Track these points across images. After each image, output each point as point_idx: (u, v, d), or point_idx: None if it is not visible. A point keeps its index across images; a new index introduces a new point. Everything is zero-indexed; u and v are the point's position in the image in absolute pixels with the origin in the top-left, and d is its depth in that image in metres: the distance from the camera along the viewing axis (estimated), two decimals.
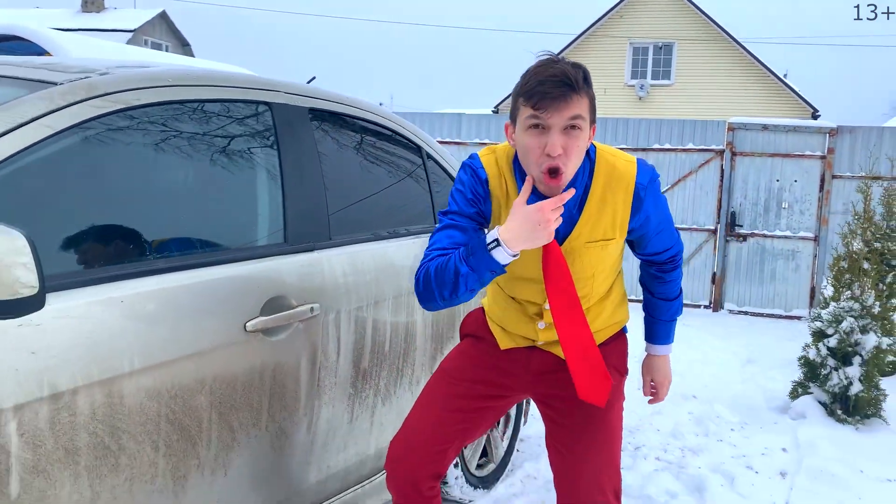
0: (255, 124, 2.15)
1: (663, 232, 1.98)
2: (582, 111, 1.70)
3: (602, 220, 1.84)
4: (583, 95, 1.71)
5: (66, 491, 1.51)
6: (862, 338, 4.31)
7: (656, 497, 3.23)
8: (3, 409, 1.38)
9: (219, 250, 1.93)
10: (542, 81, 1.68)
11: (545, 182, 1.72)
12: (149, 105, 1.84)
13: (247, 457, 1.93)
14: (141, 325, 1.64)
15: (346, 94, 2.59)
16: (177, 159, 1.91)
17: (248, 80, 2.18)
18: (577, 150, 1.72)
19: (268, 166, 2.14)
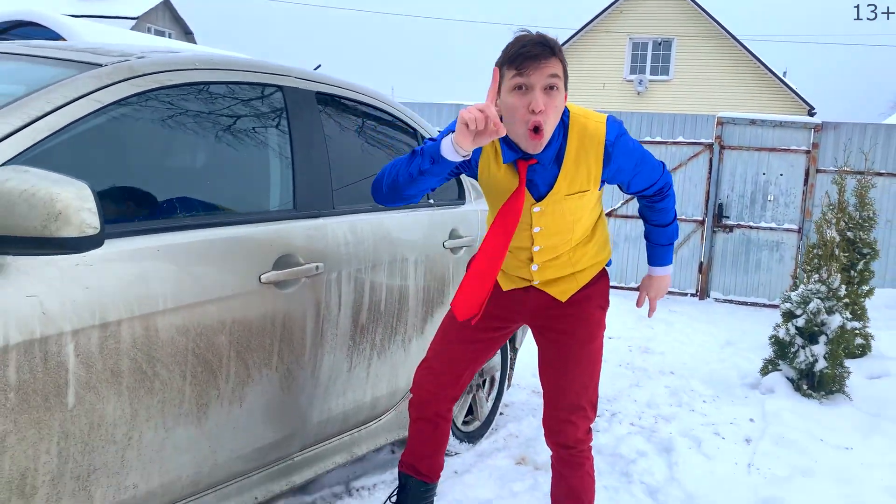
0: (269, 105, 2.43)
1: (641, 173, 2.24)
2: (558, 71, 1.98)
3: (578, 174, 2.12)
4: (558, 59, 1.98)
5: (111, 406, 1.80)
6: (828, 318, 4.60)
7: (627, 455, 3.53)
8: (63, 332, 1.67)
9: (238, 212, 2.22)
10: (524, 45, 1.96)
11: (529, 139, 2.01)
12: (179, 85, 2.13)
13: (259, 392, 2.22)
14: (172, 272, 1.93)
15: (348, 80, 2.88)
16: (201, 133, 2.20)
17: (262, 65, 2.47)
18: (554, 109, 2.00)
19: (279, 141, 2.43)
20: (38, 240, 1.49)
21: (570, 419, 2.29)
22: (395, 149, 3.04)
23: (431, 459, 2.57)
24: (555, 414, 2.32)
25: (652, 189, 2.33)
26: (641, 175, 2.26)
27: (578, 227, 2.26)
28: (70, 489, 1.75)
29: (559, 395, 2.32)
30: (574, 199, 2.17)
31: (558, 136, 2.10)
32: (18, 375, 1.60)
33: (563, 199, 2.16)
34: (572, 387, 2.30)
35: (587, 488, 2.38)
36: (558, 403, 2.31)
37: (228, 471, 2.20)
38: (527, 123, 1.98)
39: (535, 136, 1.99)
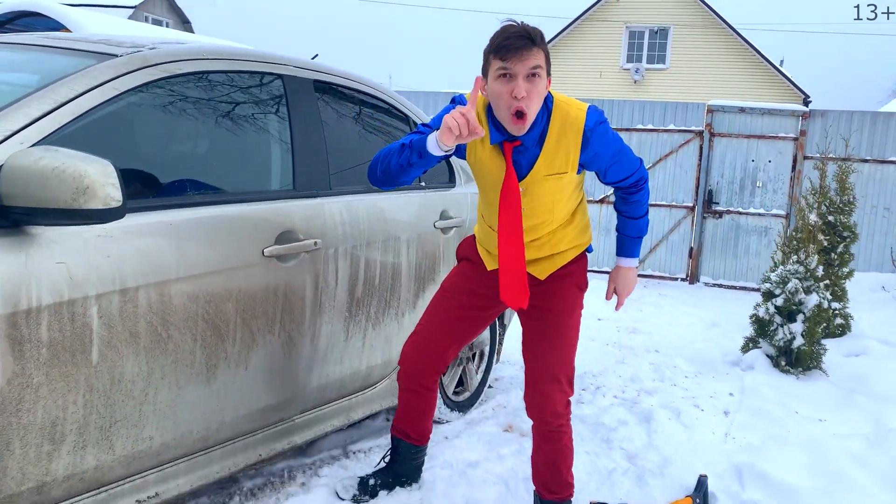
0: (270, 92, 2.62)
1: (618, 163, 2.40)
2: (540, 62, 2.14)
3: (557, 157, 2.29)
4: (540, 49, 2.14)
5: (129, 364, 2.00)
6: (805, 297, 4.81)
7: (609, 424, 3.73)
8: (88, 295, 1.87)
9: (242, 191, 2.41)
10: (508, 37, 2.12)
11: (512, 123, 2.19)
12: (187, 74, 2.32)
13: (263, 357, 2.42)
14: (184, 244, 2.13)
15: (343, 69, 3.06)
16: (208, 117, 2.39)
17: (264, 55, 2.65)
18: (537, 95, 2.17)
19: (280, 126, 2.62)
20: (67, 211, 1.68)
21: (548, 392, 2.45)
22: (388, 133, 3.23)
23: (420, 425, 2.77)
24: (534, 387, 2.48)
25: (628, 181, 2.48)
26: (619, 165, 2.41)
27: (558, 209, 2.42)
28: (94, 438, 1.95)
29: (537, 367, 2.48)
30: (553, 181, 2.33)
31: (541, 119, 2.27)
32: (49, 333, 1.79)
33: (543, 178, 2.32)
34: (549, 358, 2.47)
35: (565, 458, 2.57)
36: (537, 376, 2.48)
37: (235, 429, 2.40)
38: (510, 108, 2.16)
39: (518, 120, 2.17)
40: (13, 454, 1.77)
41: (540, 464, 2.58)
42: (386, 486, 2.78)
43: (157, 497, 2.18)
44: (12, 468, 1.78)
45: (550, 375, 2.46)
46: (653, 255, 9.05)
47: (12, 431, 1.76)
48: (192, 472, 2.28)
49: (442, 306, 2.63)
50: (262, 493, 2.74)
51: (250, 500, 2.68)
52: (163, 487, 2.20)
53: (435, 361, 2.64)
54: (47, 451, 1.85)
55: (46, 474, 1.86)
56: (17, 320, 1.73)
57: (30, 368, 1.77)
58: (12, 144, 1.80)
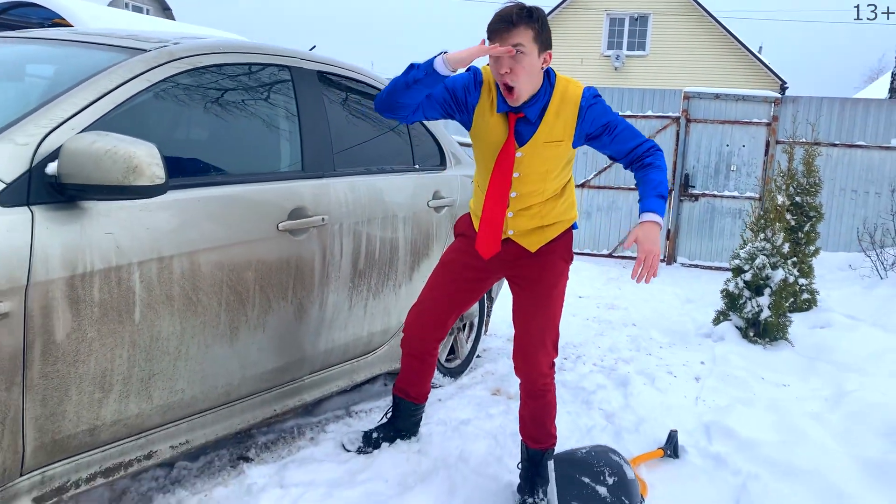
0: (280, 82, 2.88)
1: (620, 133, 2.56)
2: (523, 40, 2.34)
3: (556, 126, 2.52)
4: (523, 28, 2.34)
5: (165, 323, 2.27)
6: (772, 273, 5.14)
7: (588, 388, 4.04)
8: (132, 262, 2.13)
9: (258, 172, 2.68)
10: (492, 21, 2.38)
11: (505, 96, 2.46)
12: (208, 66, 2.57)
13: (278, 321, 2.69)
14: (211, 218, 2.39)
15: (344, 61, 3.32)
16: (227, 106, 2.65)
17: (273, 48, 2.92)
18: (522, 70, 2.37)
19: (288, 113, 2.88)
20: (118, 188, 1.95)
21: (535, 354, 2.71)
22: (383, 119, 3.49)
23: (420, 386, 3.06)
24: (523, 350, 2.74)
25: (639, 150, 2.58)
26: (623, 135, 2.56)
27: (549, 179, 2.64)
28: (136, 389, 2.22)
29: (526, 332, 2.74)
30: (551, 148, 2.56)
31: (544, 94, 2.52)
32: (100, 294, 2.06)
33: (542, 146, 2.54)
34: (537, 324, 2.72)
35: (549, 413, 2.83)
36: (526, 340, 2.73)
37: (253, 386, 2.67)
38: (501, 83, 2.42)
39: (508, 94, 2.45)
40: (71, 400, 2.04)
41: (527, 418, 2.84)
42: (387, 439, 3.06)
43: (187, 444, 2.46)
44: (70, 412, 2.05)
45: (538, 340, 2.71)
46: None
47: (70, 380, 2.03)
48: (217, 423, 2.56)
49: (441, 279, 2.86)
50: (276, 446, 3.03)
51: (265, 453, 2.97)
52: (192, 436, 2.47)
53: (436, 330, 2.90)
54: (98, 399, 2.12)
55: (97, 419, 2.13)
56: (75, 282, 1.99)
57: (84, 325, 2.03)
58: (65, 131, 2.05)
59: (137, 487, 2.62)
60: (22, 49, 2.67)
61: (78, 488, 2.14)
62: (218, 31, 7.72)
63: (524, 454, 2.84)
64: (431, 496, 2.67)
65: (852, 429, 3.74)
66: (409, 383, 3.05)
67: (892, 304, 6.27)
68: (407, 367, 3.02)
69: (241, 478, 2.69)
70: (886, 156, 8.63)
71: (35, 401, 1.95)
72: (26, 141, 1.97)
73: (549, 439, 2.84)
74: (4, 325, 1.84)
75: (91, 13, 6.71)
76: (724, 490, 3.05)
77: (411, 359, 2.99)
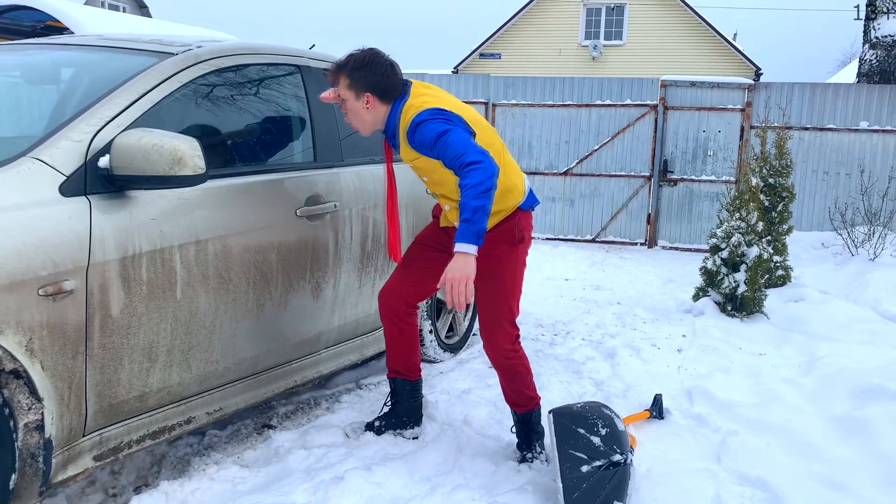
0: (293, 80, 3.13)
1: (443, 154, 2.58)
2: (341, 90, 2.71)
3: (407, 148, 2.73)
4: (341, 77, 2.70)
5: (201, 300, 2.52)
6: (747, 250, 5.45)
7: (578, 360, 4.33)
8: (173, 245, 2.38)
9: (278, 162, 2.93)
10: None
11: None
12: (229, 67, 2.82)
13: (297, 299, 2.95)
14: (239, 205, 2.65)
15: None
16: (247, 103, 2.90)
17: (284, 49, 3.16)
18: (349, 114, 2.76)
19: (301, 108, 3.13)
20: (164, 178, 2.19)
21: (494, 334, 2.88)
22: None
23: (407, 360, 3.13)
24: (484, 332, 2.88)
25: (457, 166, 2.56)
26: (444, 157, 2.59)
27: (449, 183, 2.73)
28: (177, 360, 2.48)
29: (484, 316, 2.88)
30: (420, 162, 2.74)
31: (394, 119, 2.74)
32: (147, 274, 2.31)
33: (411, 161, 2.79)
34: (492, 308, 2.85)
35: (524, 379, 2.99)
36: (483, 322, 2.88)
37: (277, 358, 2.93)
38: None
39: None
40: (124, 368, 2.29)
41: (506, 388, 3.02)
42: (390, 426, 3.14)
43: (220, 411, 2.71)
44: (123, 379, 2.30)
45: (493, 321, 2.86)
46: (614, 222, 9.69)
47: (123, 350, 2.28)
48: (246, 392, 2.81)
49: (411, 253, 3.08)
50: (295, 415, 3.29)
51: (286, 421, 3.23)
52: (225, 403, 2.73)
53: (406, 299, 3.02)
54: (146, 368, 2.37)
55: (146, 386, 2.38)
56: (126, 263, 2.24)
57: (135, 301, 2.28)
58: (112, 128, 2.30)
59: (175, 452, 2.88)
60: (58, 55, 2.90)
61: (130, 449, 2.39)
62: (211, 32, 7.91)
63: (515, 418, 3.06)
64: (442, 453, 2.95)
65: (822, 391, 4.05)
66: (397, 359, 3.12)
67: (861, 279, 6.61)
68: (388, 339, 3.11)
69: (268, 442, 2.95)
70: (855, 138, 8.99)
71: (95, 368, 2.20)
72: (80, 138, 2.21)
73: (530, 402, 3.03)
74: (71, 301, 2.08)
75: (87, 16, 6.88)
76: (705, 445, 3.35)
77: (389, 327, 3.07)
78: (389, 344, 3.13)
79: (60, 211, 2.08)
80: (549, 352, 4.51)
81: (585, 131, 9.63)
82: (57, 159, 2.14)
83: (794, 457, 3.21)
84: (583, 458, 2.63)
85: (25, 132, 2.62)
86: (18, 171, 2.07)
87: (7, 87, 3.04)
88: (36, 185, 2.07)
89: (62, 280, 2.05)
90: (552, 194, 9.72)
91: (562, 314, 5.47)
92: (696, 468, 3.06)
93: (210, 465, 2.78)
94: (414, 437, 3.13)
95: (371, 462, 2.84)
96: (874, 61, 10.22)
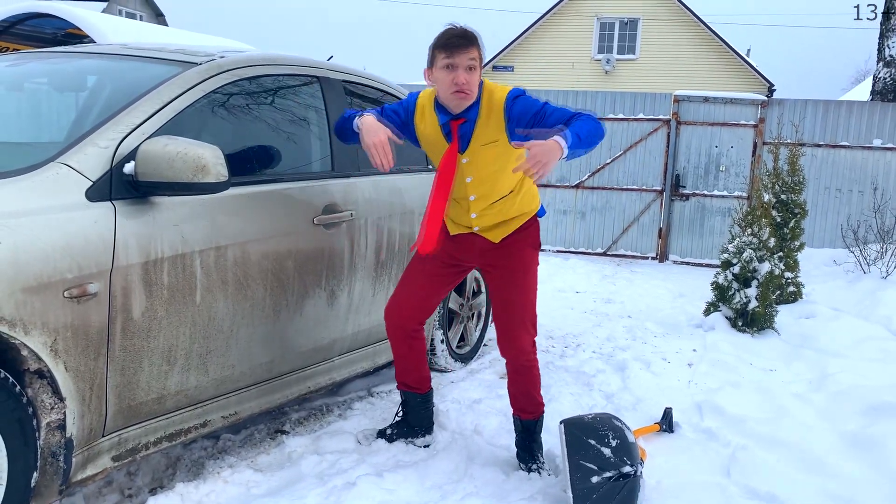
0: (311, 91, 3.19)
1: (553, 114, 2.74)
2: (476, 56, 2.69)
3: (489, 127, 2.76)
4: (475, 46, 2.70)
5: (220, 304, 2.56)
6: (759, 265, 5.46)
7: (589, 372, 4.35)
8: (194, 251, 2.43)
9: (296, 172, 2.98)
10: (451, 37, 2.68)
11: (457, 99, 2.72)
12: (250, 77, 2.88)
13: (313, 305, 2.99)
14: (259, 212, 2.69)
15: (365, 71, 3.63)
16: (267, 112, 2.95)
17: (303, 60, 3.22)
18: (476, 79, 2.73)
19: (319, 119, 3.18)
20: (188, 184, 2.24)
21: (517, 334, 2.94)
22: None
23: (417, 373, 3.14)
24: (505, 332, 2.94)
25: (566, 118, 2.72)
26: (554, 116, 2.73)
27: (502, 179, 2.84)
28: (195, 363, 2.52)
29: (506, 315, 2.93)
30: (490, 149, 2.78)
31: (476, 100, 2.77)
32: (168, 278, 2.35)
33: (481, 148, 2.78)
34: (515, 307, 2.91)
35: (535, 385, 3.04)
36: (507, 323, 2.93)
37: (291, 364, 2.97)
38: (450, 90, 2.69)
39: (463, 98, 2.71)
40: (144, 371, 2.34)
41: (517, 393, 3.05)
42: (402, 435, 3.17)
43: (236, 415, 2.75)
44: (142, 382, 2.34)
45: (518, 321, 2.92)
46: (625, 235, 9.71)
47: (143, 353, 2.32)
48: (261, 397, 2.85)
49: (415, 268, 3.06)
50: (308, 421, 3.33)
51: (299, 427, 3.27)
52: (240, 407, 2.77)
53: (413, 316, 3.03)
54: (165, 371, 2.41)
55: (164, 388, 2.43)
56: (149, 267, 2.29)
57: (156, 305, 2.33)
58: (137, 135, 2.35)
59: (190, 455, 2.92)
60: (84, 63, 2.97)
61: (147, 450, 2.43)
62: (230, 42, 7.99)
63: (518, 426, 3.07)
64: (453, 462, 2.97)
65: (833, 407, 4.05)
66: (406, 372, 3.13)
67: (873, 296, 6.60)
68: (397, 354, 3.12)
69: (281, 447, 2.99)
70: (868, 155, 8.99)
71: (116, 370, 2.24)
72: (107, 144, 2.26)
73: (538, 408, 3.07)
74: (94, 303, 2.13)
75: (107, 24, 6.98)
76: (715, 459, 3.36)
77: (398, 345, 3.08)
78: (398, 360, 3.13)
79: (86, 215, 2.13)
80: (560, 364, 4.53)
81: (598, 145, 9.65)
82: (84, 165, 2.19)
83: (804, 472, 3.22)
84: (593, 468, 2.65)
85: (54, 138, 2.67)
86: (47, 175, 2.12)
87: (35, 94, 3.10)
88: (63, 190, 2.12)
89: (87, 283, 2.10)
90: (564, 207, 9.75)
91: (572, 326, 5.49)
92: (706, 482, 3.07)
93: (224, 468, 2.82)
94: (425, 445, 3.15)
95: (383, 469, 2.87)
96: (888, 79, 10.22)
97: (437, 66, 2.72)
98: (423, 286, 3.04)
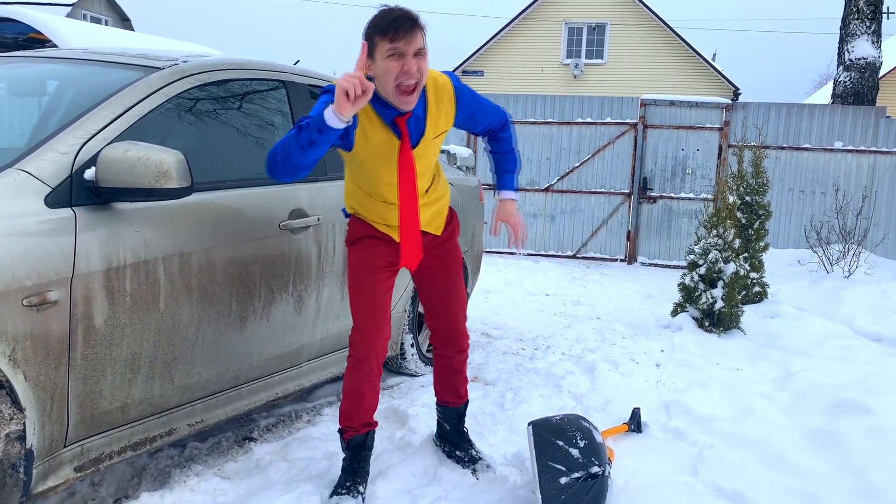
0: (277, 95, 3.17)
1: (485, 111, 2.73)
2: (423, 42, 2.35)
3: (440, 119, 2.59)
4: (422, 30, 2.35)
5: (185, 311, 2.53)
6: (724, 266, 5.54)
7: (558, 374, 4.37)
8: (157, 257, 2.40)
9: (262, 177, 2.95)
10: (395, 19, 2.29)
11: (402, 97, 2.36)
12: (215, 82, 2.85)
13: (280, 311, 2.97)
14: (223, 218, 2.67)
15: (331, 76, 3.62)
16: (232, 117, 2.93)
17: (270, 65, 3.20)
18: (426, 69, 2.41)
19: (285, 124, 3.17)
20: (149, 190, 2.22)
21: (462, 331, 2.97)
22: None
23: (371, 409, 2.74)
24: (452, 331, 2.93)
25: (498, 123, 2.78)
26: (485, 112, 2.72)
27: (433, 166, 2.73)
28: (160, 371, 2.49)
29: (448, 314, 2.91)
30: (437, 141, 2.64)
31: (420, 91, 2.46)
32: (131, 285, 2.33)
33: (432, 141, 2.59)
34: (456, 307, 2.91)
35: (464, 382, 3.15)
36: (451, 322, 2.92)
37: (259, 371, 2.94)
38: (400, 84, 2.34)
39: (409, 95, 2.37)
40: (106, 379, 2.30)
41: (457, 380, 3.10)
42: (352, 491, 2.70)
43: (202, 423, 2.72)
44: (105, 391, 2.31)
45: (461, 312, 2.95)
46: (594, 238, 9.78)
47: (106, 361, 2.29)
48: (228, 404, 2.82)
49: (366, 287, 2.66)
50: (277, 428, 3.30)
51: (267, 433, 3.24)
52: (207, 415, 2.74)
53: (384, 339, 2.69)
54: (128, 379, 2.38)
55: (128, 397, 2.39)
56: (111, 275, 2.26)
57: (118, 312, 2.30)
58: (98, 141, 2.32)
59: (156, 464, 2.88)
60: (44, 68, 2.92)
61: (111, 460, 2.39)
62: (196, 46, 7.92)
63: (452, 414, 3.11)
64: (422, 466, 2.97)
65: (797, 405, 4.11)
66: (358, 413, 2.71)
67: (836, 295, 6.73)
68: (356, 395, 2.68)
69: (248, 454, 2.96)
70: (830, 157, 9.16)
71: (77, 379, 2.21)
72: (67, 150, 2.23)
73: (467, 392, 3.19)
74: (54, 311, 2.10)
75: (70, 28, 6.88)
76: (682, 458, 3.39)
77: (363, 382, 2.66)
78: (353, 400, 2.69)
79: (46, 222, 2.10)
80: (530, 366, 4.55)
81: (566, 149, 9.74)
82: (43, 171, 2.16)
83: (769, 470, 3.26)
84: (561, 469, 2.66)
85: (14, 144, 2.63)
86: (5, 182, 2.08)
87: None
88: (21, 197, 2.09)
89: (46, 291, 2.06)
90: (533, 210, 9.80)
91: (542, 329, 5.51)
92: (674, 481, 3.10)
93: (191, 476, 2.78)
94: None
95: None
96: (848, 83, 10.43)
97: (380, 55, 2.34)
98: (383, 305, 2.69)
